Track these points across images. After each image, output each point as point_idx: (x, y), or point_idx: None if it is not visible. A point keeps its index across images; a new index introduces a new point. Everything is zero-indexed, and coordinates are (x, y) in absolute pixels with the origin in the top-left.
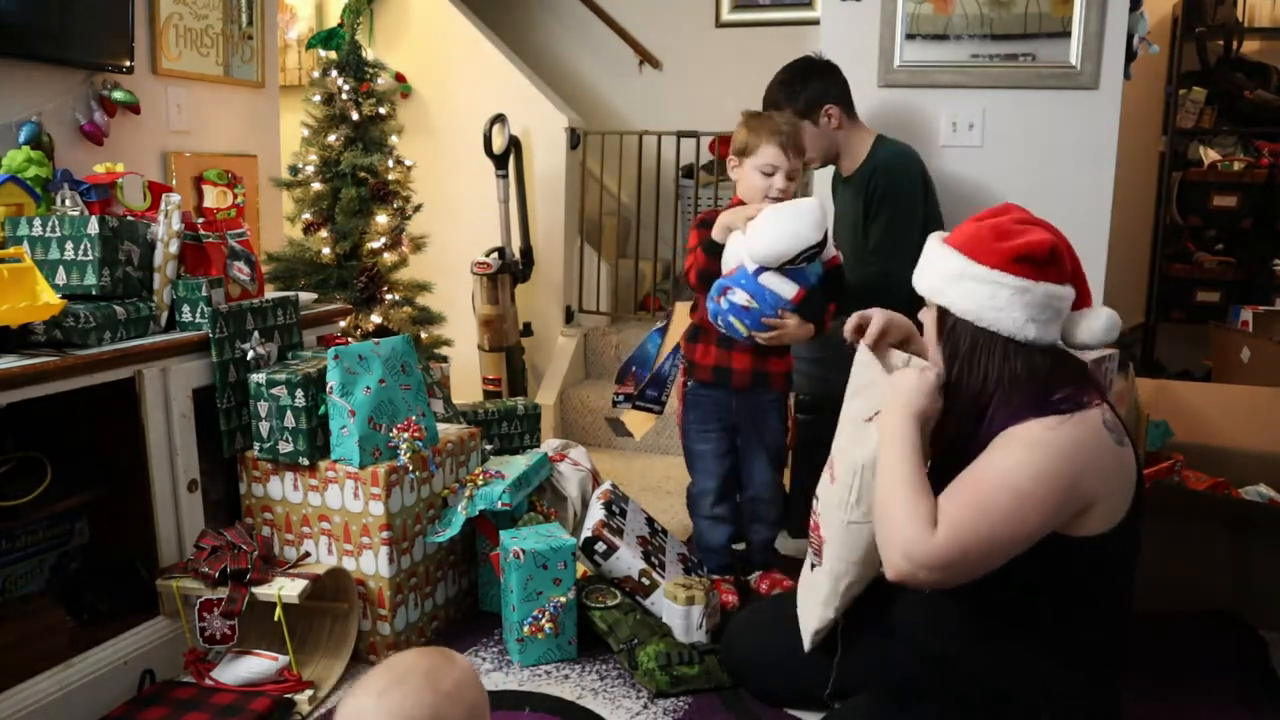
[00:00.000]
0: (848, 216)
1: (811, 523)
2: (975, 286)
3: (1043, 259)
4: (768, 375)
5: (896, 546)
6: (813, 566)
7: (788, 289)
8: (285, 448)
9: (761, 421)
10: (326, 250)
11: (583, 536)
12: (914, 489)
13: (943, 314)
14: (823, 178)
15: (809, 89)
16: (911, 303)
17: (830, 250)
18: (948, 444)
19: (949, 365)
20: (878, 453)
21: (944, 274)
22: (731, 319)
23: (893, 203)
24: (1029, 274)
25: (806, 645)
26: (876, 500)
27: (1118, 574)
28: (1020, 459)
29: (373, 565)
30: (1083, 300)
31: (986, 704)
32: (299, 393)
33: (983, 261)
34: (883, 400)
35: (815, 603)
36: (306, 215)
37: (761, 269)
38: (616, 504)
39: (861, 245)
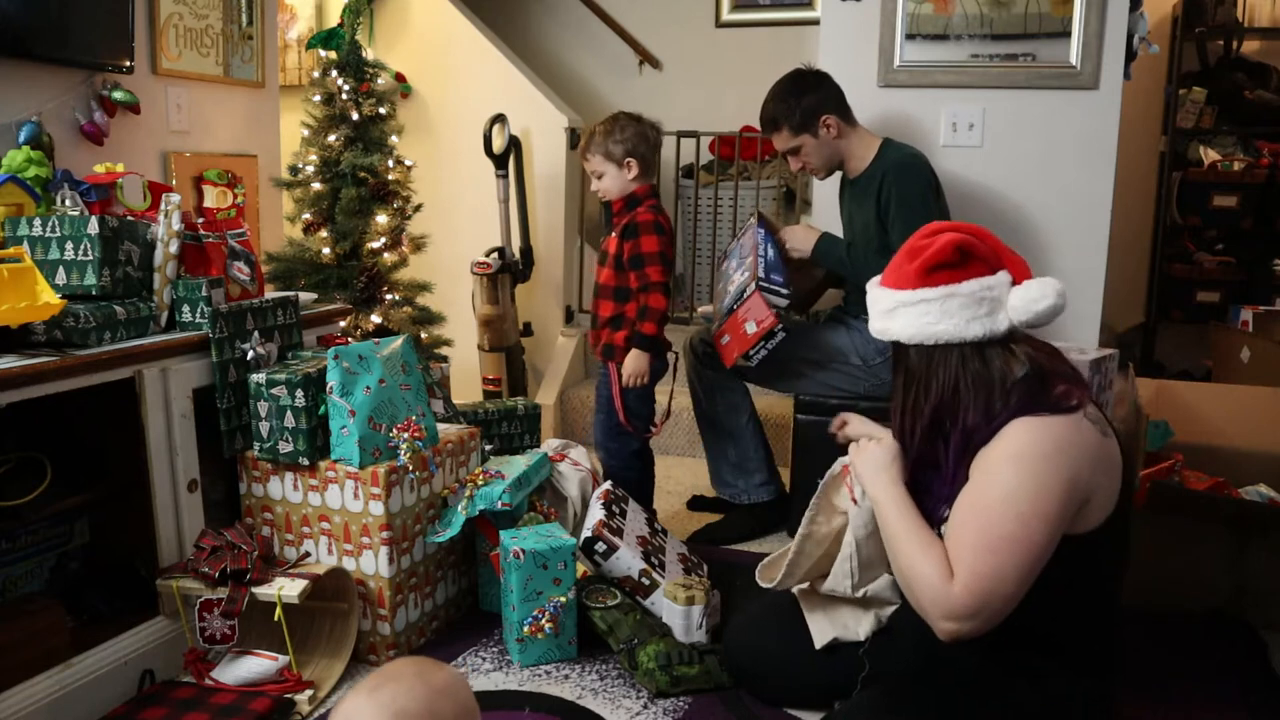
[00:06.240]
0: (859, 218)
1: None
2: (907, 311)
3: (954, 261)
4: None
5: (934, 610)
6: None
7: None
8: (285, 448)
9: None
10: (326, 250)
11: (583, 536)
12: (921, 548)
13: (896, 350)
14: (822, 189)
15: (804, 103)
16: None
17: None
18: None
19: (907, 392)
20: (872, 525)
21: (882, 312)
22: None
23: (908, 204)
24: (948, 279)
25: (819, 645)
26: (897, 571)
27: (1110, 567)
28: (1012, 478)
29: (373, 565)
30: (1022, 279)
31: (983, 700)
32: (299, 393)
33: (904, 287)
34: (861, 477)
35: (842, 622)
36: (306, 215)
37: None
38: (616, 504)
39: (878, 245)
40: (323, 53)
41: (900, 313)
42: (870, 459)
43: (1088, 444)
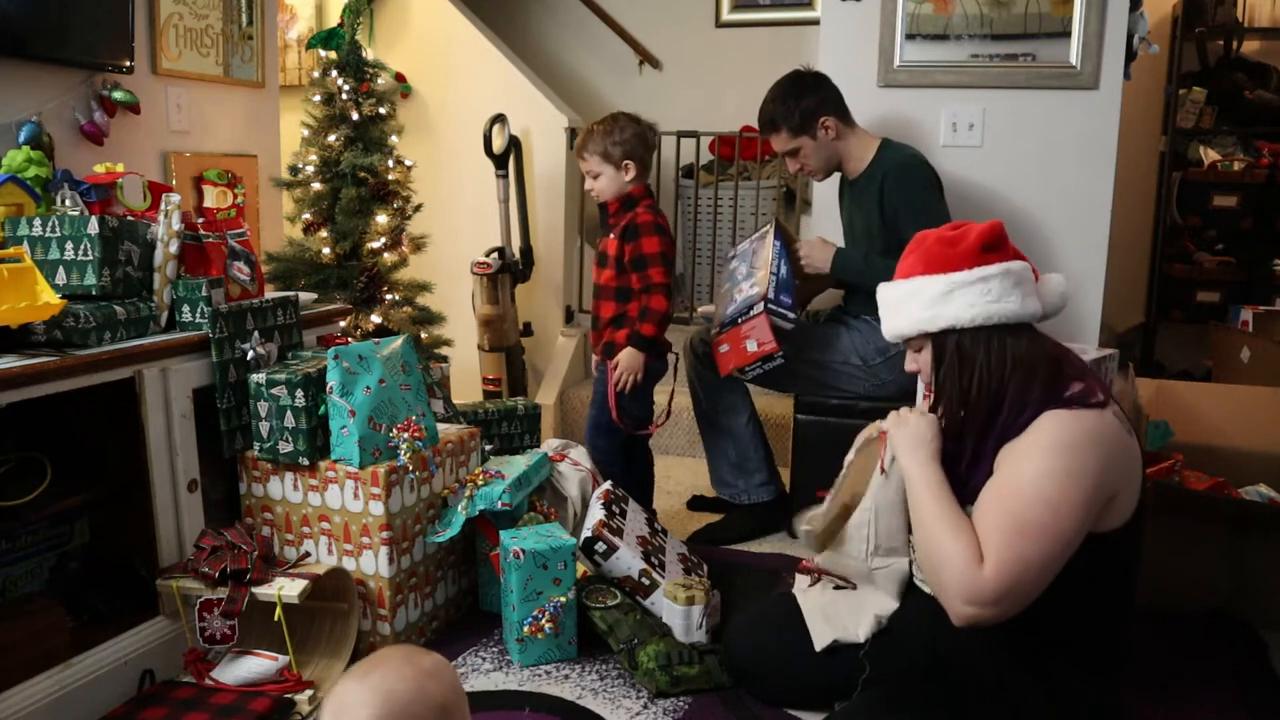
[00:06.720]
0: (859, 220)
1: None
2: (967, 291)
3: (1000, 239)
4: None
5: (957, 593)
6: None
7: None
8: (285, 448)
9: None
10: (326, 250)
11: (583, 536)
12: (953, 528)
13: (941, 341)
14: (822, 189)
15: (803, 105)
16: None
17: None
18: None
19: (961, 377)
20: (894, 498)
21: (930, 300)
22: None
23: (917, 206)
24: (1000, 257)
25: (819, 647)
26: (921, 548)
27: (1127, 567)
28: (1043, 467)
29: (373, 565)
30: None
31: (992, 697)
32: (299, 393)
33: (958, 267)
34: (897, 448)
35: (842, 624)
36: (306, 215)
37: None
38: (616, 504)
39: (881, 243)
40: (323, 53)
41: (958, 295)
42: (911, 432)
43: (1116, 439)
